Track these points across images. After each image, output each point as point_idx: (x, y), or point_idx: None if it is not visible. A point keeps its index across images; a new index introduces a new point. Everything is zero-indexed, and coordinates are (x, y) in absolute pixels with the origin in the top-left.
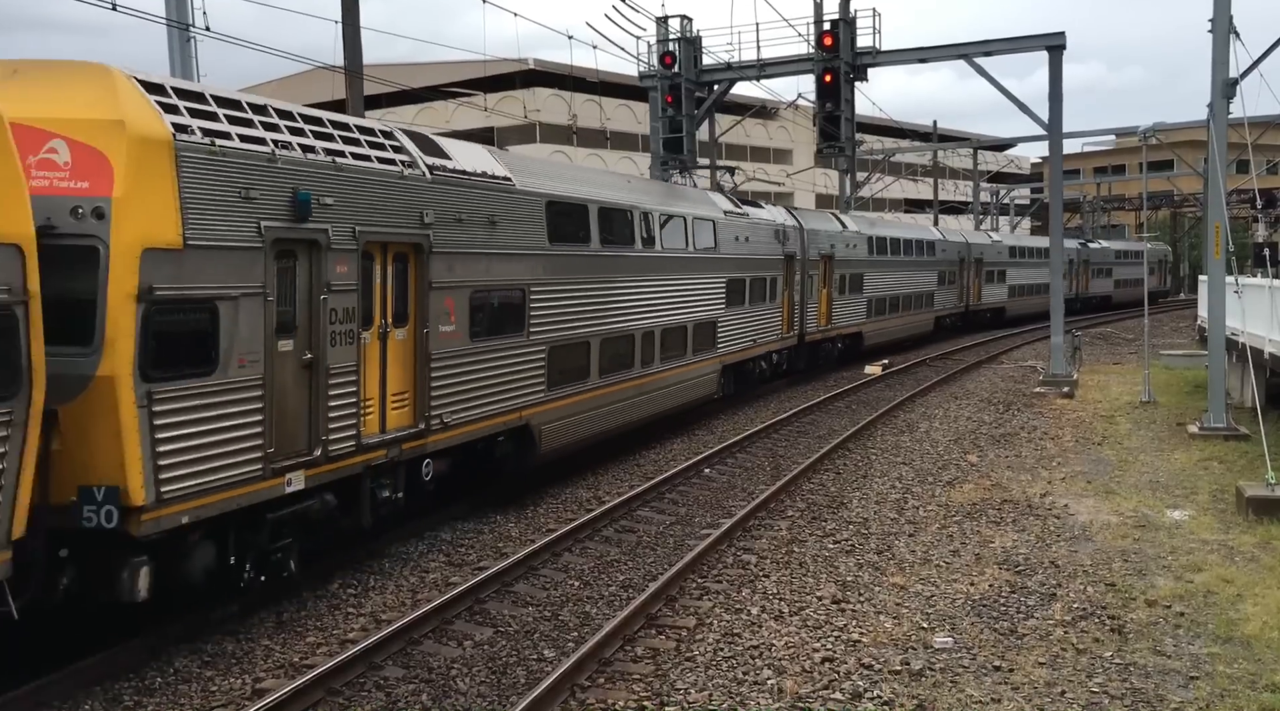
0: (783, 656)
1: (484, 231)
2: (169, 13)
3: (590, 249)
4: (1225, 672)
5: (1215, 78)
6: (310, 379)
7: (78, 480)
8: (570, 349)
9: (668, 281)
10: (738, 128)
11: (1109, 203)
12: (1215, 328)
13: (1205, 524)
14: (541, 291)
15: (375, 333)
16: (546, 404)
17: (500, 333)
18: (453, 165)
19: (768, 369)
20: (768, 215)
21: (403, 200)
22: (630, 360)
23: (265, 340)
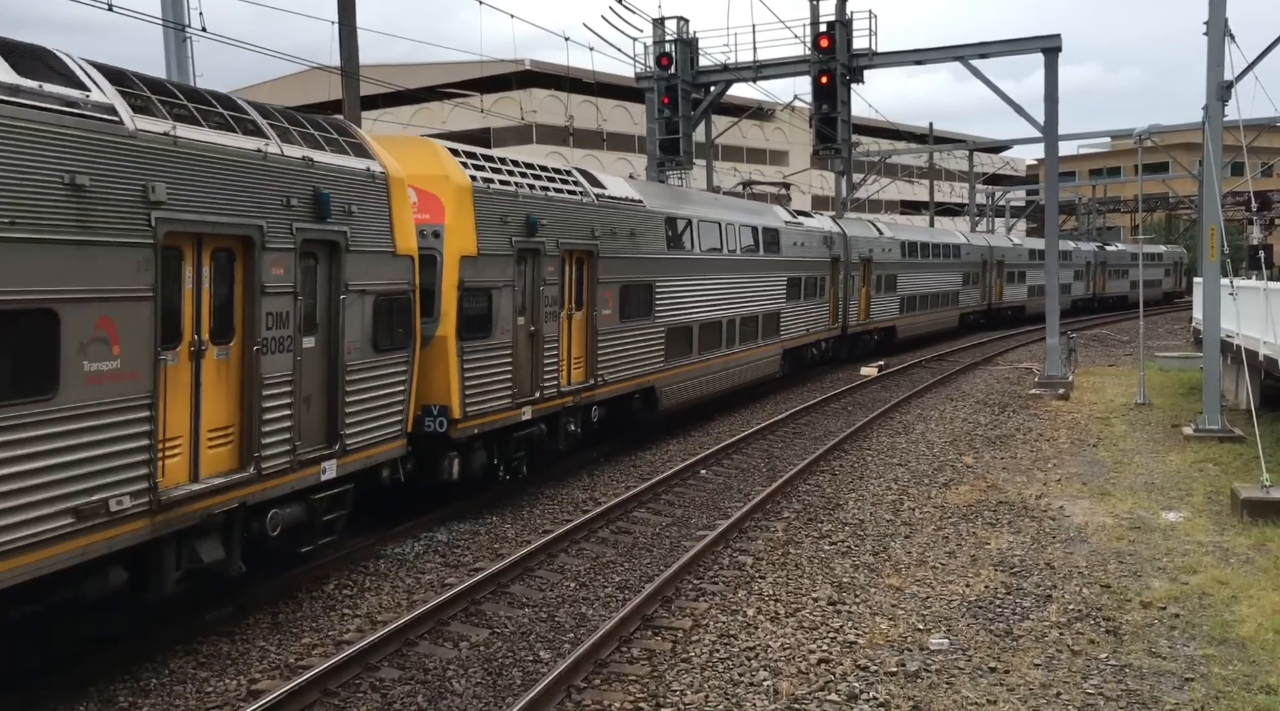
0: (779, 658)
1: (628, 241)
2: (165, 13)
3: (694, 254)
4: (1220, 674)
5: (1210, 80)
6: (533, 344)
7: (423, 401)
8: (680, 330)
9: (746, 279)
10: (734, 129)
11: (1104, 205)
12: (1210, 330)
13: (1200, 526)
14: (663, 286)
15: (567, 314)
16: (665, 372)
17: (637, 316)
18: (608, 193)
19: (817, 355)
20: (818, 224)
21: (582, 220)
22: (719, 341)
23: (512, 317)
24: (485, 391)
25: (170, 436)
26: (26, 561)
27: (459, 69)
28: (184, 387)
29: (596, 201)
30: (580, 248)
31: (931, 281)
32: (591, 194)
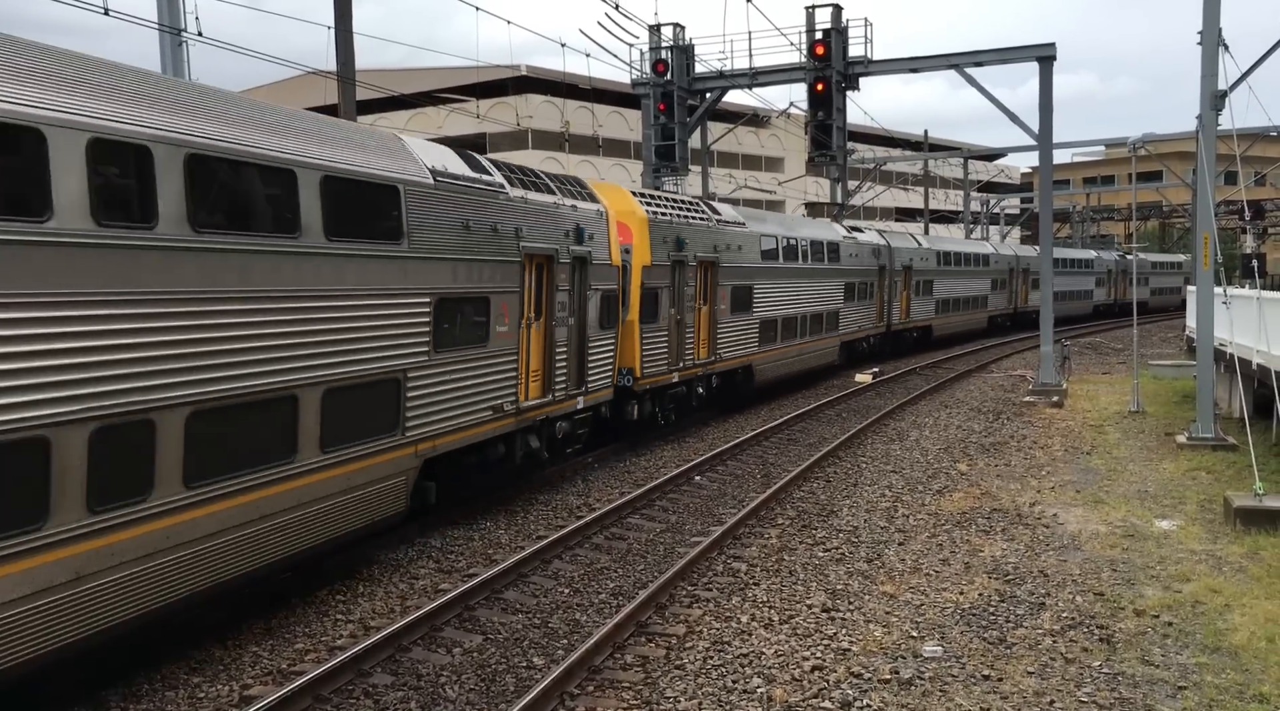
0: (772, 665)
1: (736, 254)
2: (161, 17)
3: (779, 263)
4: (1213, 682)
5: (1204, 90)
6: (679, 329)
7: (619, 365)
8: (770, 322)
9: (815, 284)
10: (730, 135)
11: (1098, 213)
12: (1203, 338)
13: (1193, 534)
14: (759, 288)
15: (697, 307)
16: (759, 354)
17: (742, 311)
18: (723, 217)
19: (866, 348)
20: (868, 238)
21: (708, 239)
22: (796, 332)
23: (669, 309)
24: (653, 360)
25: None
26: (475, 432)
27: (455, 74)
28: (524, 344)
29: (716, 224)
30: (708, 259)
31: (963, 287)
32: (713, 219)
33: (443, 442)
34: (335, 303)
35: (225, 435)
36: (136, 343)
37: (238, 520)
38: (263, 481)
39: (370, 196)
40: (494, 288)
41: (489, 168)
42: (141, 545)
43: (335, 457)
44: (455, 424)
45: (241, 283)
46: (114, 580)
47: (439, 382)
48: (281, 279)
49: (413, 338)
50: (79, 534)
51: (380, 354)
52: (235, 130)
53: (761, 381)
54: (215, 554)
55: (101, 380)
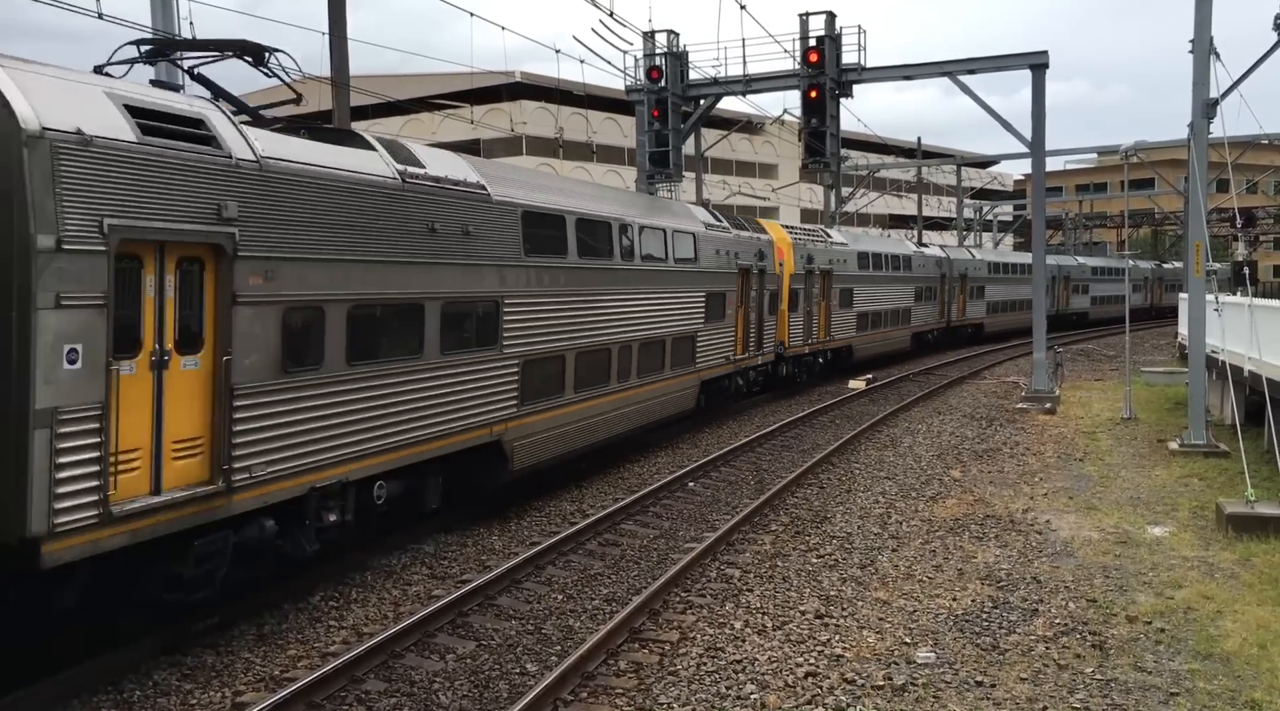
0: (765, 671)
1: (843, 265)
2: (154, 22)
3: (870, 272)
4: (1205, 689)
5: (1196, 98)
6: (808, 316)
7: (777, 339)
8: (864, 315)
9: (894, 287)
10: (724, 142)
11: (1091, 220)
12: (1195, 345)
13: (1185, 540)
14: (858, 290)
15: (819, 303)
16: (856, 337)
17: (847, 307)
18: (835, 240)
19: (931, 340)
20: (931, 251)
21: (826, 254)
22: (881, 323)
23: (804, 302)
24: (795, 337)
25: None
26: (719, 370)
27: (449, 80)
28: (737, 322)
29: (830, 245)
30: (826, 269)
31: (1009, 291)
32: (830, 241)
33: (707, 373)
34: (666, 294)
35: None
36: (558, 316)
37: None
38: (652, 382)
39: (681, 240)
40: (728, 288)
41: (723, 218)
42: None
43: (672, 374)
44: (713, 364)
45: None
46: (577, 425)
47: (707, 340)
48: (656, 283)
49: (695, 314)
50: (572, 401)
51: (688, 321)
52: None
53: (858, 358)
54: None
55: (573, 335)
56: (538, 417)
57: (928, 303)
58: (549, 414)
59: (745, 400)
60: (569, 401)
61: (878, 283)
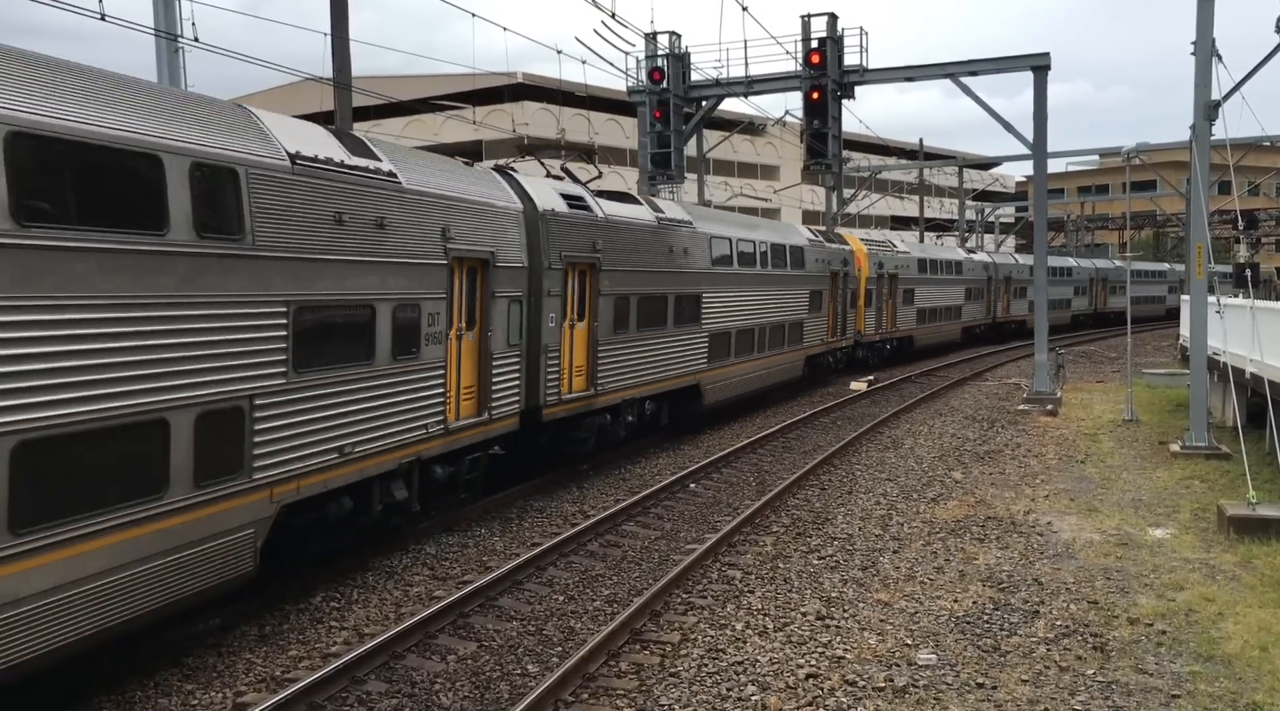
0: (767, 672)
1: (905, 270)
2: (157, 23)
3: (926, 276)
4: (1207, 691)
5: (1198, 100)
6: (880, 310)
7: (855, 328)
8: (923, 311)
9: (949, 289)
10: (725, 143)
11: (1093, 222)
12: (1197, 347)
13: (1187, 542)
14: (918, 290)
15: (886, 300)
16: (916, 330)
17: (908, 304)
18: (898, 248)
19: (979, 333)
20: (979, 257)
21: (892, 261)
22: (937, 318)
23: (877, 300)
24: (869, 326)
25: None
26: (818, 349)
27: (451, 81)
28: (830, 313)
29: (896, 252)
30: (892, 273)
31: (1052, 292)
32: (896, 249)
33: (809, 351)
34: (786, 292)
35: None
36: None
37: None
38: (777, 354)
39: (794, 253)
40: (823, 287)
41: (819, 234)
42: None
43: (788, 349)
44: (812, 344)
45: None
46: (738, 379)
47: (810, 326)
48: (780, 284)
49: (802, 306)
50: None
51: (798, 312)
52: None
53: (917, 346)
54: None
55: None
56: (718, 371)
57: (976, 301)
58: (723, 370)
59: (831, 374)
60: (733, 363)
61: (934, 284)
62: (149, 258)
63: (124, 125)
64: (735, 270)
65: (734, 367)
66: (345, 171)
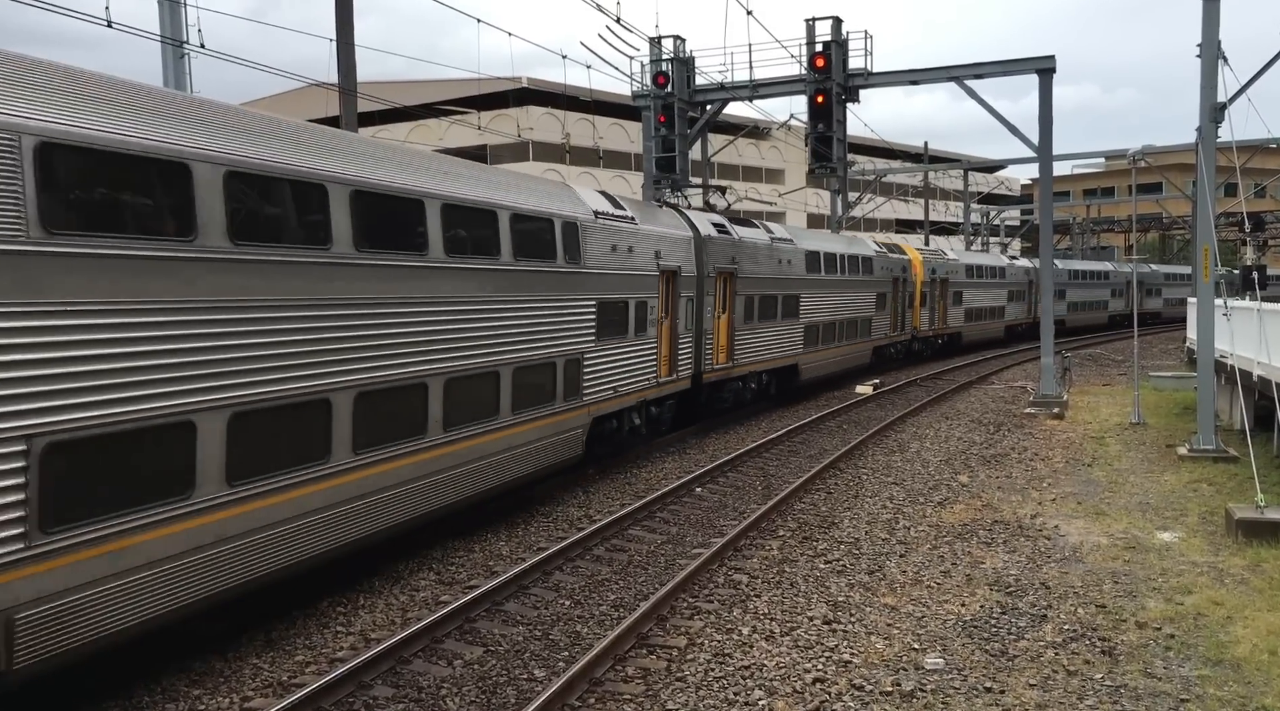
0: (774, 677)
1: (954, 274)
2: (163, 30)
3: (974, 280)
4: (1215, 695)
5: (1203, 102)
6: (933, 308)
7: (911, 325)
8: (969, 310)
9: (991, 291)
10: (730, 147)
11: (1098, 224)
12: (1204, 350)
13: (1195, 546)
14: (965, 292)
15: (938, 301)
16: (964, 326)
17: (956, 305)
18: (950, 256)
19: (1020, 330)
20: (1021, 262)
21: (944, 266)
22: (982, 316)
23: (931, 299)
24: (923, 324)
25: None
26: (881, 341)
27: (456, 86)
28: (893, 311)
29: (947, 259)
30: (942, 277)
31: (1087, 295)
32: (946, 256)
33: (875, 343)
34: (860, 292)
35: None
36: (821, 303)
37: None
38: (853, 344)
39: (865, 261)
40: (887, 290)
41: (883, 246)
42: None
43: (860, 341)
44: (877, 337)
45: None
46: (822, 362)
47: (877, 322)
48: (856, 287)
49: (871, 305)
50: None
51: (868, 309)
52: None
53: (965, 341)
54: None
55: (825, 314)
56: (811, 355)
57: (1018, 302)
58: (815, 354)
59: (891, 363)
60: (822, 349)
61: (980, 287)
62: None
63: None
64: (823, 276)
65: (822, 353)
66: (616, 219)
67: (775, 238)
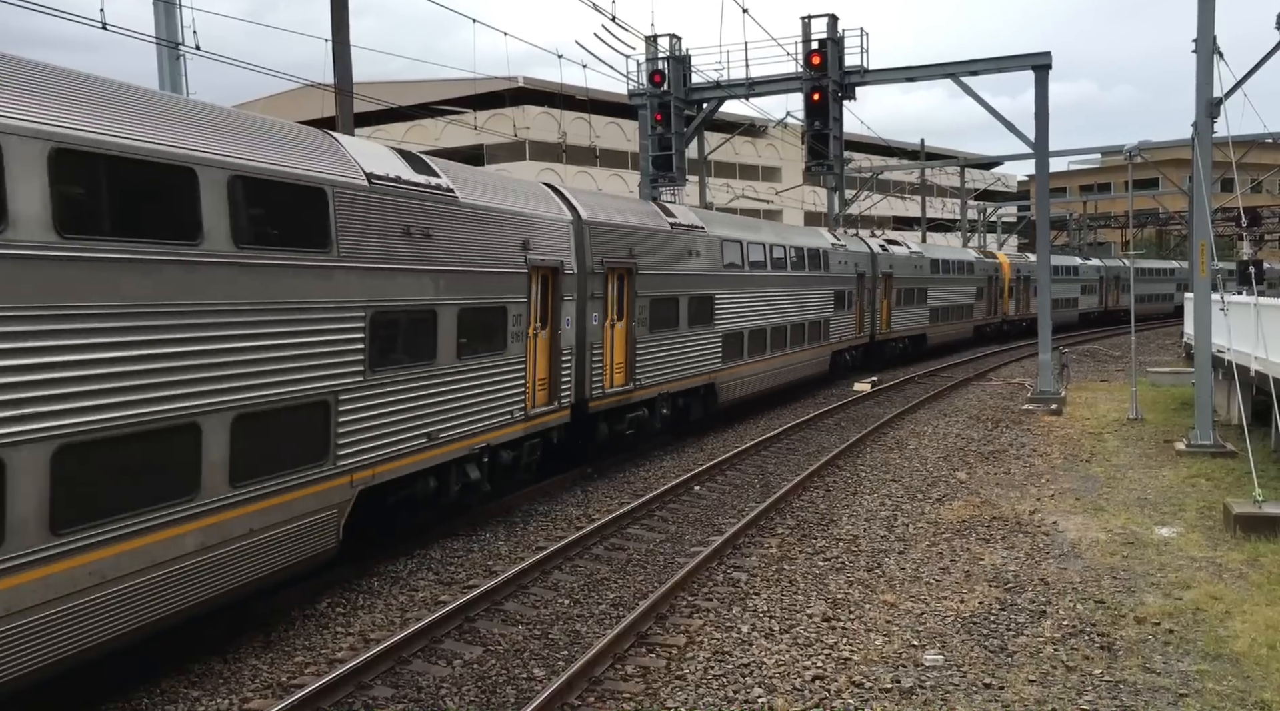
0: (773, 674)
1: (1030, 273)
2: (159, 31)
3: (1062, 277)
4: (1214, 690)
5: (1199, 97)
6: (1016, 302)
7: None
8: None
9: (1072, 286)
10: (726, 145)
11: (1095, 221)
12: (1201, 345)
13: (1193, 541)
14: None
15: (1023, 295)
16: (1008, 322)
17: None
18: (1030, 257)
19: (1094, 317)
20: (1093, 262)
21: (1026, 268)
22: (1059, 306)
23: (1016, 293)
24: (1010, 312)
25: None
26: (979, 322)
27: (453, 86)
28: (987, 303)
29: (1027, 262)
30: (1025, 276)
31: (1152, 288)
32: (1027, 258)
33: (975, 323)
34: (964, 287)
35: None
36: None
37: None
38: (959, 323)
39: (967, 266)
40: (984, 286)
41: (981, 253)
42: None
43: (967, 322)
44: (977, 319)
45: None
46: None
47: (975, 309)
48: (960, 284)
49: (971, 296)
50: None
51: (970, 300)
52: None
53: (1009, 331)
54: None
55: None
56: (937, 328)
57: (1092, 296)
58: (938, 328)
59: (987, 341)
60: (940, 325)
61: (1059, 283)
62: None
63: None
64: (941, 276)
65: (942, 328)
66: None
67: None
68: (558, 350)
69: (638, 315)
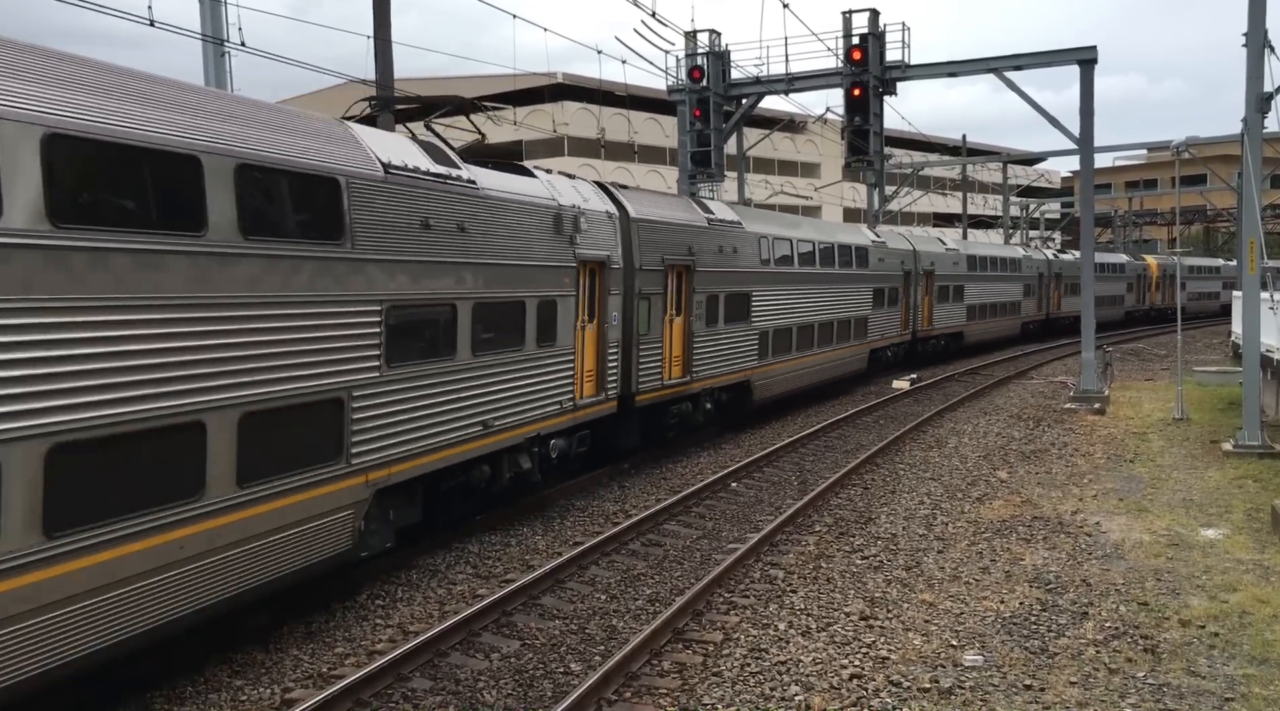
0: (810, 673)
1: (1074, 273)
2: (204, 28)
3: (1102, 275)
4: (1261, 694)
5: (1249, 92)
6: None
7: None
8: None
9: (1112, 285)
10: (765, 141)
11: (1141, 217)
12: (1250, 344)
13: (1240, 543)
14: (1100, 286)
15: (1056, 295)
16: (1100, 311)
17: (1073, 295)
18: (1071, 256)
19: (1139, 315)
20: (1140, 261)
21: (1071, 269)
22: (1104, 305)
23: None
24: (1061, 307)
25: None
26: (1030, 318)
27: (492, 82)
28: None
29: (1073, 258)
30: (1069, 275)
31: (1204, 286)
32: (1072, 254)
33: (1023, 320)
34: (1013, 285)
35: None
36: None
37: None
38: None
39: (1015, 263)
40: (1034, 281)
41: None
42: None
43: (1013, 317)
44: (1028, 314)
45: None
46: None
47: (1023, 305)
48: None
49: (1019, 292)
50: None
51: (1016, 296)
52: None
53: (1057, 323)
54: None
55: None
56: (975, 326)
57: (1133, 293)
58: (978, 325)
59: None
60: (986, 321)
61: (1102, 283)
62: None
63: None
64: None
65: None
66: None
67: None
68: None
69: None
